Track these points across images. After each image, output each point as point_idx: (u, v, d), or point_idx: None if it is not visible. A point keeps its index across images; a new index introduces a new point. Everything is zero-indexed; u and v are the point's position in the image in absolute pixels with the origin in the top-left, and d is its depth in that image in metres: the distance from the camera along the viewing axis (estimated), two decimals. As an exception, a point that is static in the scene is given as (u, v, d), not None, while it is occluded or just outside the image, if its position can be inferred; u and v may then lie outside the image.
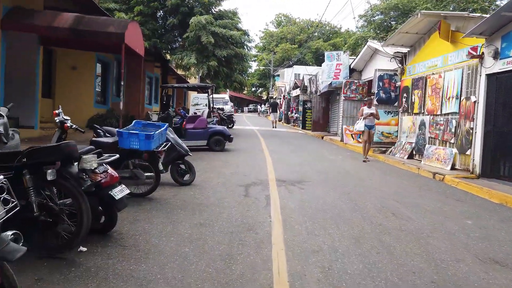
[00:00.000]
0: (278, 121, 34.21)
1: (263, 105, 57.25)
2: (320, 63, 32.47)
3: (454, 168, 9.42)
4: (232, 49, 18.36)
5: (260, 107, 57.73)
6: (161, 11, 18.89)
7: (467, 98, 9.22)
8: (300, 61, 50.52)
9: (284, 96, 40.08)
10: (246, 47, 20.34)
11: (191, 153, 6.87)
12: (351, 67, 17.77)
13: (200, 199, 5.83)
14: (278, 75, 54.00)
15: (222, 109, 25.81)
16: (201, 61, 17.66)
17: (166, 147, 5.92)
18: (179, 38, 19.35)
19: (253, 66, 58.12)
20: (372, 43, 15.89)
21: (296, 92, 31.13)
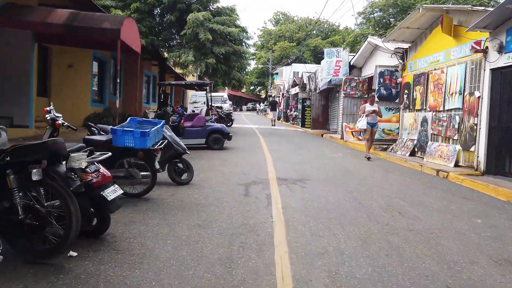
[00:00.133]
0: (277, 119, 34.02)
1: (261, 104, 57.06)
2: (319, 61, 32.25)
3: (457, 165, 9.24)
4: (231, 46, 18.12)
5: (259, 105, 57.58)
6: (158, 8, 18.63)
7: (471, 94, 9.03)
8: (299, 59, 50.34)
9: (283, 94, 39.88)
10: (244, 44, 20.10)
11: (189, 152, 6.64)
12: (351, 63, 17.53)
13: (199, 199, 5.61)
14: (277, 73, 53.77)
15: (221, 107, 25.65)
16: (199, 58, 17.41)
17: (162, 145, 5.68)
18: (176, 35, 19.08)
19: (251, 64, 58.01)
20: (372, 39, 15.67)
21: (295, 90, 30.89)
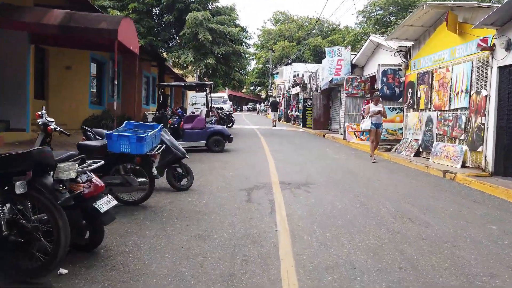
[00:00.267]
0: (278, 119, 33.76)
1: (262, 104, 56.79)
2: (319, 60, 32.03)
3: (464, 166, 8.99)
4: (230, 46, 17.88)
5: (259, 105, 57.29)
6: (156, 8, 18.40)
7: (478, 92, 8.78)
8: (299, 59, 50.05)
9: (283, 94, 39.61)
10: (244, 44, 19.87)
11: (188, 156, 6.39)
12: (353, 62, 17.27)
13: (199, 206, 5.36)
14: (277, 73, 53.48)
15: (221, 108, 25.39)
16: (198, 58, 17.17)
17: (160, 149, 5.43)
18: (175, 35, 18.84)
19: (251, 64, 57.71)
20: (375, 37, 15.41)
21: (296, 90, 30.61)
